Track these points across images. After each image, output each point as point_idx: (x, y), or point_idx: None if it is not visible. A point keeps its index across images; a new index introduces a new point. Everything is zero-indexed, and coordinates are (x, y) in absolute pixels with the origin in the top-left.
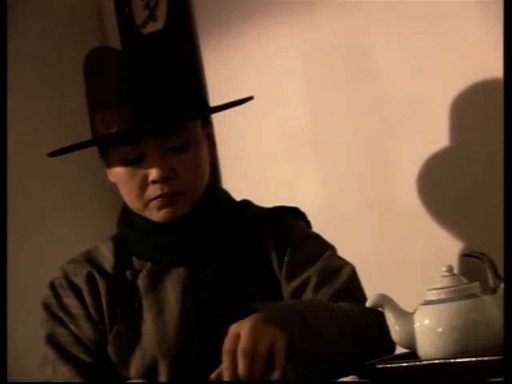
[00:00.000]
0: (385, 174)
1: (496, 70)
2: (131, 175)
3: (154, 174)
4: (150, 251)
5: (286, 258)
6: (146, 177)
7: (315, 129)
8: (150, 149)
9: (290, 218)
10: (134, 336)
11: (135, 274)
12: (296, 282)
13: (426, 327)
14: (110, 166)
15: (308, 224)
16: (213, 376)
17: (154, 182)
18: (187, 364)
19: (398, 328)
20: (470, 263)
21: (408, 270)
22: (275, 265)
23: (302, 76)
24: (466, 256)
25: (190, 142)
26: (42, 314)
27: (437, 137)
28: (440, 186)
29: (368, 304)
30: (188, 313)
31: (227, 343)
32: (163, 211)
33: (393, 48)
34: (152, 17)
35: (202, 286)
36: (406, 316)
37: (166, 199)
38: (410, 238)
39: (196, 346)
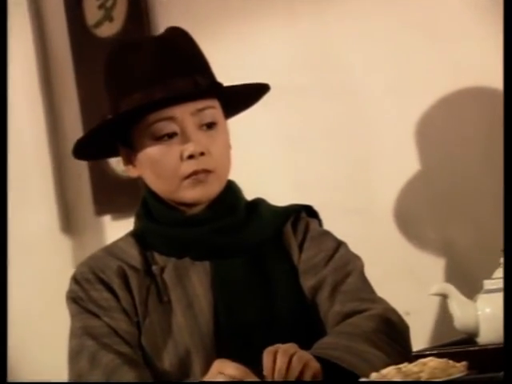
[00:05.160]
0: (369, 179)
1: (486, 80)
2: (164, 152)
3: (190, 148)
4: (174, 247)
5: (302, 255)
6: (180, 153)
7: (300, 133)
8: (185, 124)
9: (305, 215)
10: (165, 328)
11: (161, 269)
12: (313, 280)
13: (488, 315)
14: (137, 152)
15: (320, 222)
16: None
17: (190, 156)
18: (219, 355)
19: (460, 315)
20: None
21: (394, 274)
22: (295, 259)
23: (287, 82)
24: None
25: (218, 123)
26: (70, 308)
27: (422, 143)
28: (426, 190)
29: (433, 291)
30: (217, 305)
31: (269, 348)
32: (197, 189)
33: (378, 55)
34: (108, 17)
35: (229, 279)
36: (467, 304)
37: (200, 176)
38: (394, 243)
39: (227, 337)
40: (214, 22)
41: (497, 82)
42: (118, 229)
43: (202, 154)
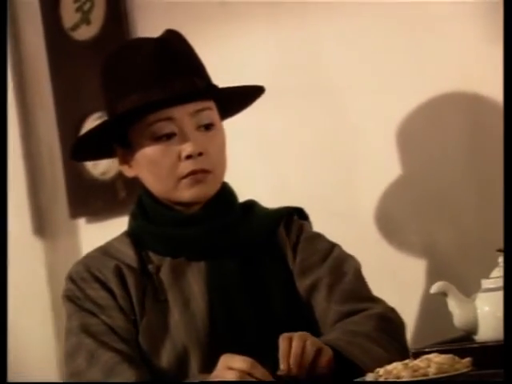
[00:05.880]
0: (353, 182)
1: (470, 84)
2: (163, 152)
3: (188, 148)
4: (169, 246)
5: (297, 257)
6: (178, 154)
7: (283, 136)
8: (183, 125)
9: (297, 218)
10: (163, 327)
11: (157, 268)
12: (309, 280)
13: (487, 313)
14: (134, 152)
15: (310, 225)
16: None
17: (188, 156)
18: (216, 353)
19: (459, 313)
20: None
21: (377, 277)
22: (290, 260)
23: (270, 84)
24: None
25: (216, 124)
26: (67, 307)
27: (405, 146)
28: (409, 193)
29: (432, 290)
30: (214, 304)
31: (284, 334)
32: (194, 189)
33: (362, 58)
34: (85, 20)
35: (224, 278)
36: (466, 302)
37: (198, 176)
38: (377, 246)
39: (223, 335)
40: (194, 26)
41: (481, 86)
42: (92, 232)
43: (201, 154)
